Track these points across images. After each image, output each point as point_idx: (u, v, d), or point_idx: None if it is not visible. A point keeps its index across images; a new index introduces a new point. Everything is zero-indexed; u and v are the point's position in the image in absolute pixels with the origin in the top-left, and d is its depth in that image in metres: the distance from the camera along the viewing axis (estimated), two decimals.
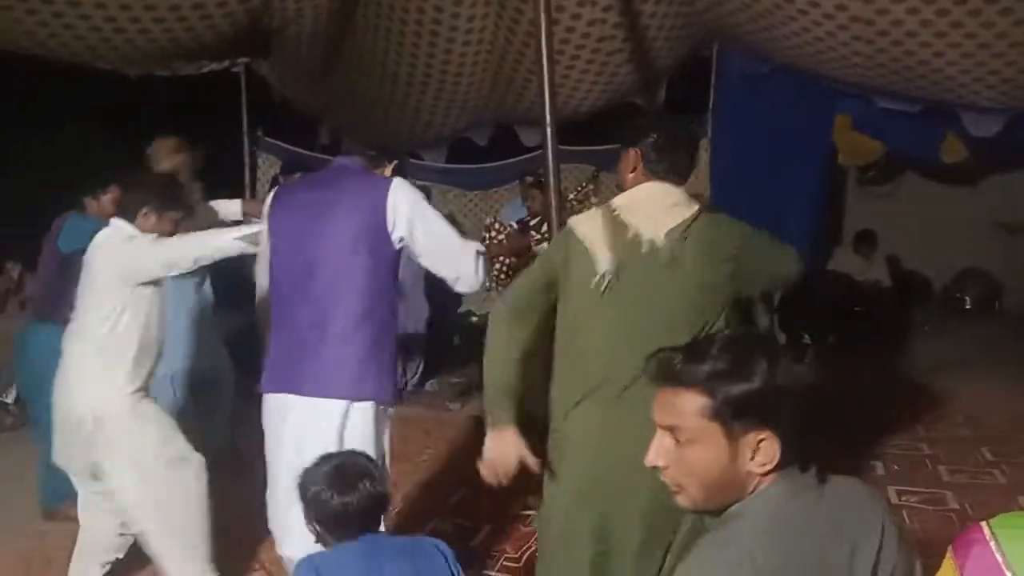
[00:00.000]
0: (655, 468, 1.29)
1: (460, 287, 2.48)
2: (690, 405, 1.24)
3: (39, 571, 3.34)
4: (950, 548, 1.07)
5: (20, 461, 4.18)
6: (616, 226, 2.03)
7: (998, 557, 1.01)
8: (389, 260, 2.42)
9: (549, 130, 3.55)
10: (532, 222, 5.28)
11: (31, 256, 5.46)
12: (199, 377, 3.96)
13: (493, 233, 5.29)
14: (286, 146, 6.83)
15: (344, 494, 1.88)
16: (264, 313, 2.61)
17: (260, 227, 2.59)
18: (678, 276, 1.98)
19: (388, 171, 2.58)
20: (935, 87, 4.74)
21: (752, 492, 1.25)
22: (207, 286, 4.10)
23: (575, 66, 5.47)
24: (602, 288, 1.99)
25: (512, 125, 6.57)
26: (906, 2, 4.08)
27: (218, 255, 2.74)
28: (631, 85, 5.86)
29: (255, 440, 2.64)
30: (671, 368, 1.26)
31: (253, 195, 6.22)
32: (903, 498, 3.77)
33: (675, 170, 2.11)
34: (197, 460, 2.86)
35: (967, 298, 8.61)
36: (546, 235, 4.15)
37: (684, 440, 1.25)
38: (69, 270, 3.53)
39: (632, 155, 2.11)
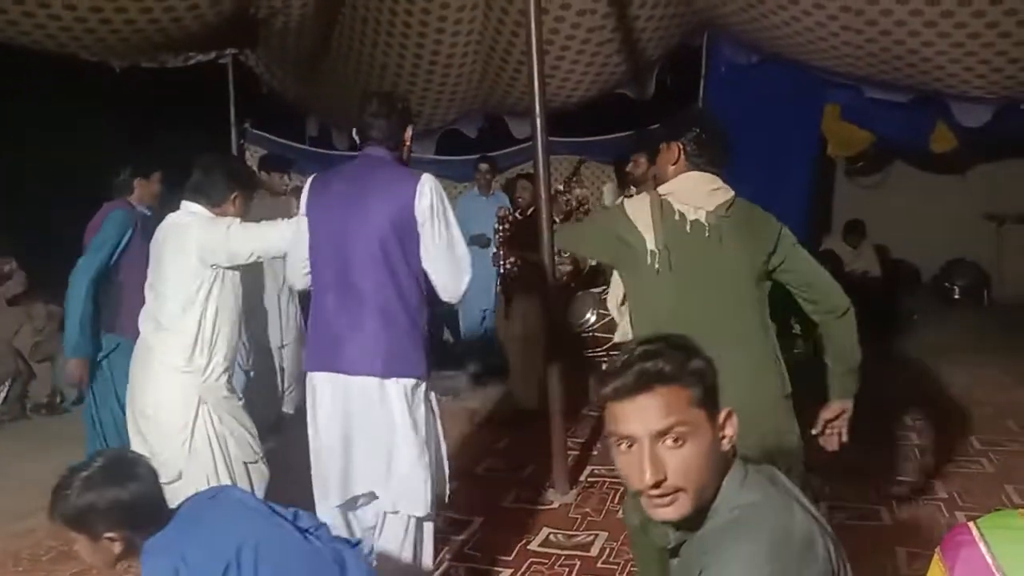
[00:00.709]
0: (652, 487, 1.22)
1: (444, 295, 2.59)
2: (683, 398, 1.23)
3: (27, 568, 3.32)
4: (938, 550, 1.06)
5: (6, 459, 4.15)
6: (663, 208, 2.22)
7: (988, 559, 1.00)
8: (418, 248, 2.55)
9: (539, 120, 3.52)
10: (528, 214, 5.17)
11: (22, 250, 5.45)
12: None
13: (507, 225, 5.14)
14: (274, 138, 6.76)
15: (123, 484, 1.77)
16: None
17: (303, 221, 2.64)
18: (722, 252, 2.19)
19: (408, 135, 2.67)
20: (924, 76, 4.74)
21: (722, 482, 1.27)
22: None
23: (565, 56, 5.44)
24: (655, 266, 2.17)
25: (502, 116, 6.55)
26: None
27: (272, 252, 2.76)
28: (621, 75, 5.85)
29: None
30: (659, 370, 1.24)
31: None
32: (891, 487, 3.77)
33: (713, 162, 2.31)
34: (264, 465, 2.86)
35: (956, 288, 8.64)
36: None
37: (679, 438, 1.22)
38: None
39: (675, 148, 2.31)
